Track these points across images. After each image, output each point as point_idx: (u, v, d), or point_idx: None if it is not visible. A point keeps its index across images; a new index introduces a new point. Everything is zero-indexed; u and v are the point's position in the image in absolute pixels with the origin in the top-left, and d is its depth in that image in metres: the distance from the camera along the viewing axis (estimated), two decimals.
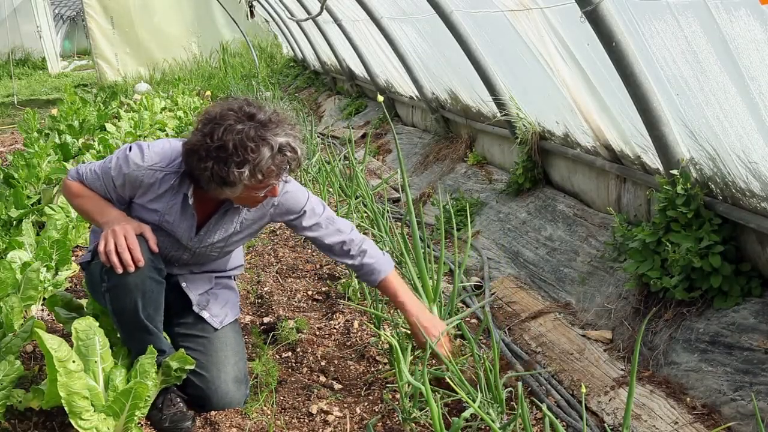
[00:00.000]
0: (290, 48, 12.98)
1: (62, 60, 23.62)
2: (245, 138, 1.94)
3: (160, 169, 2.13)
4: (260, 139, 1.96)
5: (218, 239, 2.30)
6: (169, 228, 2.21)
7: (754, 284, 2.33)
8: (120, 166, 2.15)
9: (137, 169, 2.13)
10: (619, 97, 2.71)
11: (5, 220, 3.99)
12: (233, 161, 1.94)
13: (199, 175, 2.04)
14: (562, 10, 2.83)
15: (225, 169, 1.95)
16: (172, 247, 2.28)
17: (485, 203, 4.16)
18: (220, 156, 1.95)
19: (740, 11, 1.91)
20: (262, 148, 1.96)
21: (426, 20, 4.73)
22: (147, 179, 2.14)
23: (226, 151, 1.94)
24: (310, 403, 2.36)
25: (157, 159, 2.14)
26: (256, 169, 1.96)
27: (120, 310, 2.11)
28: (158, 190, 2.16)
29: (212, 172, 1.97)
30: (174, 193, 2.17)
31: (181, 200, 2.18)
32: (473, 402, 1.94)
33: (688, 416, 2.06)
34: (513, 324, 2.89)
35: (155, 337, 2.17)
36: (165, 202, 2.17)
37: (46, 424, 2.18)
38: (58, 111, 8.32)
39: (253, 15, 12.24)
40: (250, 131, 1.96)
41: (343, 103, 8.76)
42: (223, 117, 1.99)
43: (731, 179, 2.34)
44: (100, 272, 2.12)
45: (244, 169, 1.95)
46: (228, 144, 1.94)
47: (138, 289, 2.07)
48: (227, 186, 2.01)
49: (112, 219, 2.09)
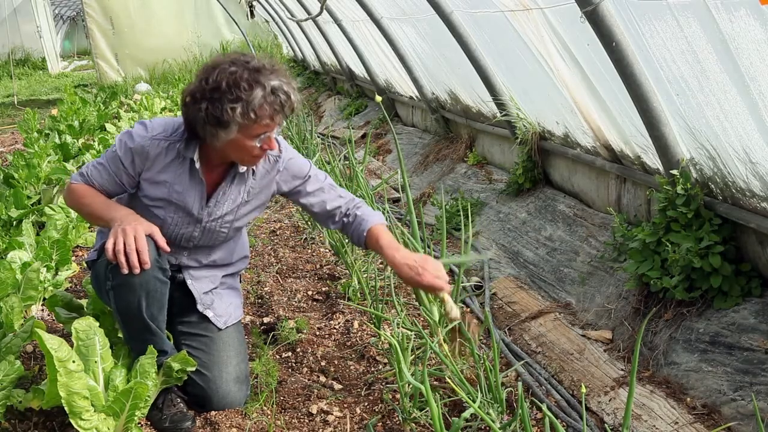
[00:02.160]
0: (290, 48, 12.98)
1: (62, 60, 23.63)
2: (238, 78, 2.01)
3: (164, 138, 2.18)
4: (253, 80, 2.02)
5: (227, 210, 2.31)
6: (179, 199, 2.22)
7: (754, 284, 2.33)
8: (125, 143, 2.18)
9: (142, 140, 2.17)
10: (619, 97, 2.71)
11: (5, 220, 3.98)
12: (226, 99, 2.00)
13: (195, 121, 2.08)
14: (562, 10, 2.83)
15: (219, 107, 2.01)
16: (183, 223, 2.27)
17: (485, 203, 4.16)
18: (214, 96, 2.02)
19: (740, 11, 1.91)
20: (255, 88, 2.01)
21: (426, 20, 4.73)
22: (153, 150, 2.17)
23: (219, 90, 2.01)
24: (310, 403, 2.36)
25: (160, 129, 2.19)
26: (248, 107, 2.01)
27: (124, 308, 2.11)
28: (165, 160, 2.19)
29: (207, 113, 2.03)
30: (180, 161, 2.20)
31: (188, 167, 2.21)
32: (473, 402, 1.94)
33: (688, 416, 2.06)
34: (513, 324, 2.89)
35: (157, 337, 2.17)
36: (173, 172, 2.20)
37: (46, 424, 2.18)
38: (58, 111, 8.33)
39: (253, 15, 12.24)
40: (244, 73, 2.02)
41: (343, 103, 8.77)
42: (220, 63, 2.07)
43: (731, 179, 2.34)
44: (105, 270, 2.12)
45: (237, 105, 2.00)
46: (221, 83, 2.01)
47: (142, 289, 2.07)
48: (221, 126, 2.04)
49: (122, 217, 2.08)
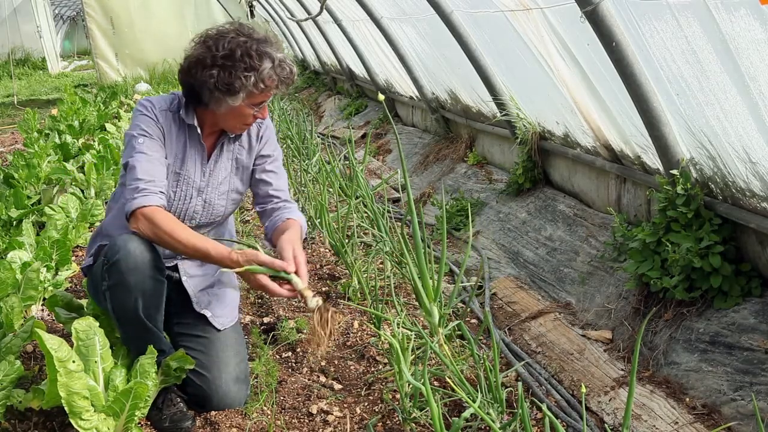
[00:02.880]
0: (290, 48, 12.98)
1: (62, 60, 23.63)
2: (250, 48, 2.09)
3: (168, 109, 2.25)
4: (263, 51, 2.10)
5: (222, 178, 2.36)
6: (183, 168, 2.27)
7: (754, 284, 2.33)
8: (150, 121, 2.20)
9: (158, 114, 2.22)
10: (619, 97, 2.71)
11: (5, 220, 3.98)
12: (240, 67, 2.07)
13: (202, 86, 2.12)
14: (562, 10, 2.83)
15: (232, 74, 2.07)
16: (186, 196, 2.30)
17: (485, 203, 4.16)
18: (227, 63, 2.07)
19: (740, 11, 1.91)
20: (265, 59, 2.10)
21: (426, 20, 4.73)
22: (162, 119, 2.23)
23: (233, 58, 2.07)
24: (310, 403, 2.36)
25: (162, 102, 2.26)
26: (259, 77, 2.09)
27: (120, 308, 2.11)
28: (172, 131, 2.25)
29: (218, 79, 2.08)
30: (182, 130, 2.26)
31: (187, 132, 2.27)
32: (473, 402, 1.94)
33: (688, 416, 2.06)
34: (513, 324, 2.89)
35: (155, 336, 2.17)
36: (178, 141, 2.26)
37: (46, 424, 2.18)
38: (58, 111, 8.33)
39: (253, 15, 12.26)
40: (253, 44, 2.10)
41: (343, 103, 8.77)
42: (226, 32, 2.13)
43: (731, 179, 2.34)
44: (101, 271, 2.12)
45: (250, 74, 2.07)
46: (236, 51, 2.07)
47: (138, 288, 2.07)
48: (230, 94, 2.10)
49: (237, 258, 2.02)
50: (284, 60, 2.14)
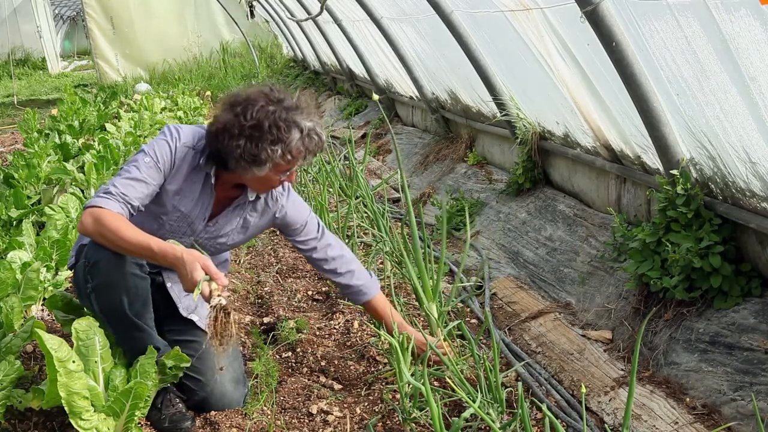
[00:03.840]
0: (290, 48, 12.98)
1: (62, 60, 23.63)
2: (278, 119, 2.03)
3: (191, 146, 2.18)
4: (291, 121, 2.05)
5: (224, 233, 2.32)
6: (186, 208, 2.21)
7: (754, 284, 2.33)
8: (167, 148, 2.14)
9: (178, 145, 2.16)
10: (619, 97, 2.71)
11: (5, 220, 3.98)
12: (267, 139, 2.02)
13: (228, 154, 2.07)
14: (562, 10, 2.83)
15: (258, 146, 2.03)
16: (179, 232, 2.25)
17: (485, 203, 4.16)
18: (254, 134, 2.02)
19: (740, 11, 1.91)
20: (293, 130, 2.05)
21: (426, 20, 4.73)
22: (179, 155, 2.16)
23: (260, 129, 2.02)
24: (310, 403, 2.36)
25: (190, 137, 2.19)
26: (287, 149, 2.05)
27: (107, 309, 2.10)
28: (186, 168, 2.18)
29: (244, 150, 2.03)
30: (197, 171, 2.19)
31: (203, 178, 2.20)
32: (473, 402, 1.94)
33: (688, 416, 2.06)
34: (513, 324, 2.89)
35: (147, 334, 2.15)
36: (189, 181, 2.19)
37: (46, 424, 2.18)
38: (58, 111, 8.33)
39: (253, 15, 12.25)
40: (282, 113, 2.05)
41: (343, 103, 8.77)
42: (255, 99, 2.07)
43: (731, 179, 2.34)
44: (84, 273, 2.11)
45: (277, 147, 2.03)
46: (263, 123, 2.02)
47: (122, 286, 2.06)
48: (256, 165, 2.06)
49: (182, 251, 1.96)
50: (313, 129, 2.08)
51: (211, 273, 1.90)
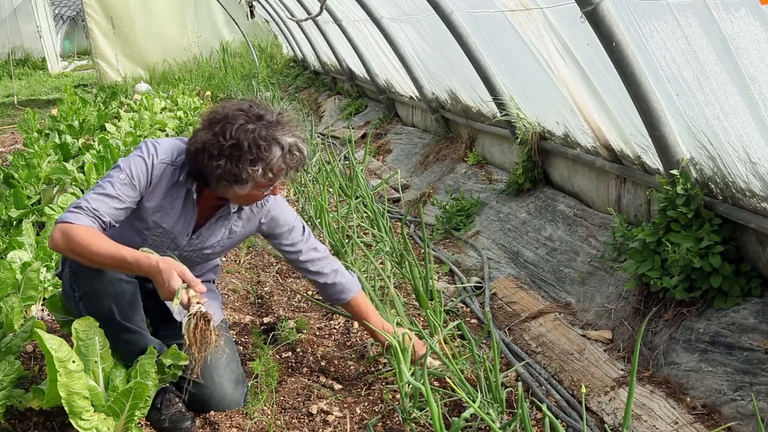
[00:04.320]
0: (290, 48, 12.98)
1: (62, 60, 23.62)
2: (258, 137, 1.99)
3: (170, 162, 2.14)
4: (271, 139, 2.02)
5: (208, 244, 2.30)
6: (168, 224, 2.19)
7: (754, 284, 2.33)
8: (141, 164, 2.10)
9: (155, 162, 2.12)
10: (619, 97, 2.71)
11: (5, 220, 3.98)
12: (247, 159, 1.99)
13: (208, 174, 2.04)
14: (562, 10, 2.83)
15: (238, 166, 2.00)
16: (163, 246, 2.24)
17: (485, 203, 4.16)
18: (234, 154, 1.99)
19: (740, 11, 1.91)
20: (274, 147, 2.01)
21: (426, 20, 4.73)
22: (158, 173, 2.12)
23: (240, 149, 1.99)
24: (310, 403, 2.36)
25: (167, 153, 2.15)
26: (267, 167, 2.02)
27: (96, 316, 2.07)
28: (165, 185, 2.14)
29: (224, 170, 2.00)
30: (178, 187, 2.16)
31: (184, 195, 2.17)
32: (473, 402, 1.94)
33: (688, 416, 2.06)
34: (513, 324, 2.89)
35: (139, 335, 2.15)
36: (169, 197, 2.16)
37: (46, 424, 2.18)
38: (58, 111, 8.32)
39: (253, 15, 12.25)
40: (262, 131, 2.01)
41: (343, 103, 8.77)
42: (234, 117, 2.03)
43: (731, 179, 2.34)
44: (70, 282, 2.11)
45: (258, 167, 2.00)
46: (242, 143, 1.98)
47: (110, 294, 2.05)
48: (237, 183, 2.04)
49: (157, 260, 1.94)
50: (294, 144, 2.05)
51: (188, 280, 1.89)
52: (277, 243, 2.41)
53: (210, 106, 10.18)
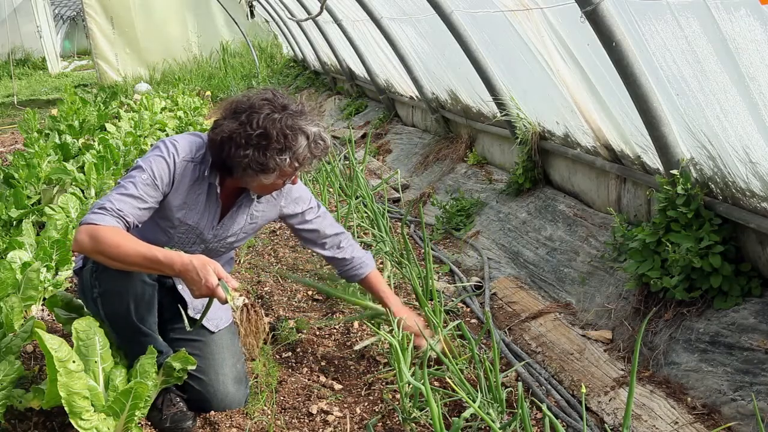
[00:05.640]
0: (290, 48, 12.98)
1: (62, 60, 23.63)
2: (285, 127, 2.02)
3: (190, 159, 2.15)
4: (298, 128, 2.04)
5: (232, 233, 2.33)
6: (194, 221, 2.21)
7: (754, 284, 2.33)
8: (163, 164, 2.09)
9: (176, 161, 2.12)
10: (619, 97, 2.71)
11: (5, 220, 3.99)
12: (275, 148, 2.02)
13: (234, 164, 2.06)
14: (562, 10, 2.83)
15: (266, 155, 2.02)
16: (189, 242, 2.26)
17: (485, 203, 4.16)
18: (261, 143, 2.01)
19: (740, 11, 1.91)
20: (300, 137, 2.04)
21: (426, 20, 4.73)
22: (180, 171, 2.13)
23: (268, 138, 2.01)
24: (310, 403, 2.36)
25: (186, 150, 2.15)
26: (294, 157, 2.05)
27: (112, 314, 2.10)
28: (187, 182, 2.15)
29: (252, 159, 2.02)
30: (200, 183, 2.17)
31: (206, 189, 2.19)
32: (473, 402, 1.94)
33: (688, 416, 2.06)
34: (513, 324, 2.89)
35: (150, 338, 2.16)
36: (193, 193, 2.17)
37: (46, 424, 2.18)
38: (58, 111, 8.33)
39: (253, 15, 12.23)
40: (288, 120, 2.03)
41: (343, 103, 8.77)
42: (260, 106, 2.05)
43: (731, 179, 2.34)
44: (91, 278, 2.11)
45: (285, 156, 2.03)
46: (270, 132, 2.01)
47: (130, 294, 2.06)
48: (264, 173, 2.06)
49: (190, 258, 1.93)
50: (318, 134, 2.08)
51: (223, 276, 1.91)
52: (297, 222, 2.46)
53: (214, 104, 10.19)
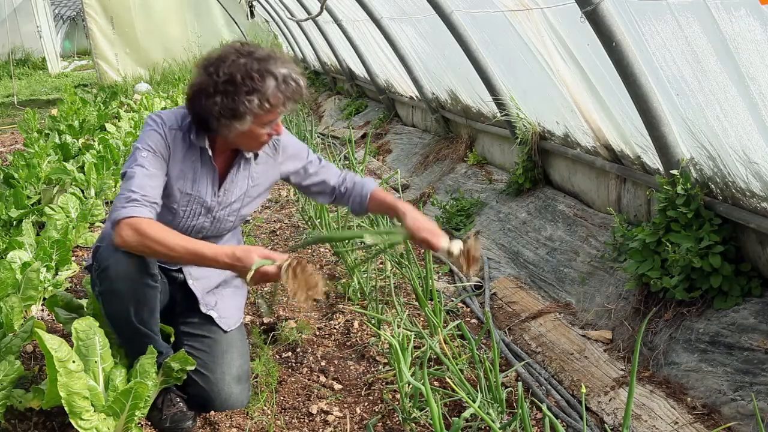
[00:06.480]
0: (290, 48, 12.98)
1: (62, 60, 23.62)
2: (250, 69, 2.03)
3: (178, 128, 2.17)
4: (264, 70, 2.05)
5: (236, 197, 2.32)
6: (194, 189, 2.22)
7: (754, 284, 2.33)
8: (157, 138, 2.12)
9: (166, 131, 2.15)
10: (619, 97, 2.71)
11: (5, 220, 3.99)
12: (242, 91, 2.02)
13: (208, 114, 2.07)
14: (562, 10, 2.83)
15: (234, 100, 2.02)
16: (195, 214, 2.26)
17: (485, 203, 4.16)
18: (228, 89, 2.02)
19: (740, 11, 1.91)
20: (267, 78, 2.04)
21: (426, 20, 4.73)
22: (171, 141, 2.15)
23: (234, 83, 2.02)
24: (310, 403, 2.36)
25: (172, 120, 2.18)
26: (263, 98, 2.04)
27: (112, 314, 2.11)
28: (181, 151, 2.17)
29: (221, 106, 2.03)
30: (192, 150, 2.19)
31: (199, 155, 2.21)
32: (473, 402, 1.94)
33: (688, 416, 2.06)
34: (513, 324, 2.89)
35: (150, 339, 2.16)
36: (188, 162, 2.19)
37: (46, 424, 2.18)
38: (58, 111, 8.33)
39: (253, 15, 12.25)
40: (254, 64, 2.04)
41: (343, 103, 8.77)
42: (226, 55, 2.07)
43: (731, 179, 2.34)
44: (94, 276, 2.12)
45: (253, 97, 2.03)
46: (235, 76, 2.02)
47: (129, 296, 2.06)
48: (236, 119, 2.06)
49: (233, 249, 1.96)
50: (288, 75, 2.07)
51: (271, 257, 1.93)
52: (302, 179, 2.45)
53: None
